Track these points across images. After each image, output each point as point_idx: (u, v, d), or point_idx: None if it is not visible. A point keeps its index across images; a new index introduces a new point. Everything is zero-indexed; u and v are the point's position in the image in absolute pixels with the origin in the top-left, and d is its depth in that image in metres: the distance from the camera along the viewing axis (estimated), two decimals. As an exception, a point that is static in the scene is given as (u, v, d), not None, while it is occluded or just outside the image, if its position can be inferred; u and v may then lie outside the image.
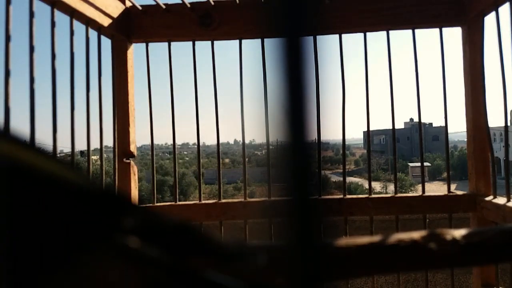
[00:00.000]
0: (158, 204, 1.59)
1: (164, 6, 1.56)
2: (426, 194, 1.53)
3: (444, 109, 1.56)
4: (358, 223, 2.04)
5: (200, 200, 1.58)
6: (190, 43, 1.61)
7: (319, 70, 0.38)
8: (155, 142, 1.62)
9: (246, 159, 1.62)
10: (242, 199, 1.58)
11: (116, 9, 1.45)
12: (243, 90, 1.55)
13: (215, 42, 1.60)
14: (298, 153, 0.24)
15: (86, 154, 1.31)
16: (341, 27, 1.54)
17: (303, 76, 0.25)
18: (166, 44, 1.62)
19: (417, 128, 1.67)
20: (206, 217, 1.56)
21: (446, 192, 1.55)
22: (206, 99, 1.59)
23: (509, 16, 1.26)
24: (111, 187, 1.47)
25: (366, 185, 3.11)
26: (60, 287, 0.26)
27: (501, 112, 1.34)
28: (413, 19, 1.52)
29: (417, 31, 1.55)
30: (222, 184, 1.63)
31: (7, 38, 0.98)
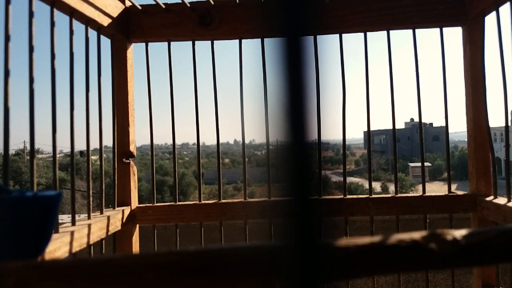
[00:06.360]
0: (158, 204, 1.58)
1: (164, 6, 1.56)
2: (427, 194, 1.52)
3: (444, 109, 1.56)
4: (359, 223, 2.04)
5: (200, 200, 1.58)
6: (190, 42, 1.61)
7: (319, 70, 0.37)
8: (154, 142, 1.61)
9: (246, 159, 1.62)
10: (242, 199, 1.57)
11: (116, 9, 1.45)
12: (243, 90, 1.54)
13: (215, 41, 1.59)
14: (298, 153, 0.24)
15: (85, 154, 1.31)
16: (341, 27, 1.54)
17: (303, 76, 0.24)
18: (166, 43, 1.62)
19: (418, 128, 1.66)
20: (205, 217, 1.56)
21: (446, 192, 1.55)
22: (206, 99, 1.59)
23: (510, 16, 1.26)
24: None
25: (367, 185, 3.09)
26: None
27: (501, 112, 1.34)
28: (413, 19, 1.51)
29: (417, 30, 1.55)
30: (222, 184, 1.62)
31: (7, 38, 0.98)
